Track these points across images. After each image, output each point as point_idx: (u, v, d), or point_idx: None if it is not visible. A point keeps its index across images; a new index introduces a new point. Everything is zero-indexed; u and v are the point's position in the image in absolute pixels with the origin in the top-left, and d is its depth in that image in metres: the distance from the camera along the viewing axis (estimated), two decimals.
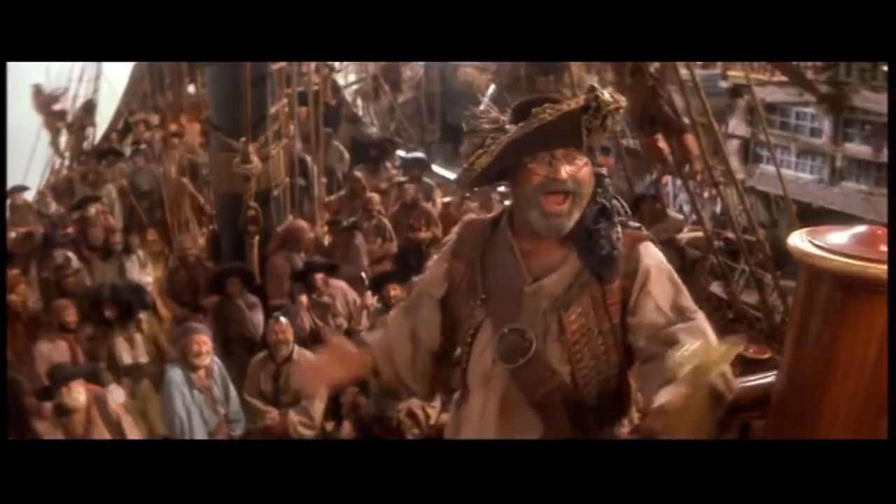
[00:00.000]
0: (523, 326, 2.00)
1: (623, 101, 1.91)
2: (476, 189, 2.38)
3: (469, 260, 2.13)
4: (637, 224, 2.07)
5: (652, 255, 1.99)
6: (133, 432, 5.13)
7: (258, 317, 6.43)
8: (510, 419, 2.05)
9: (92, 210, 8.59)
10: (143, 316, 6.36)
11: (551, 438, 2.00)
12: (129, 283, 7.25)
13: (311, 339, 6.24)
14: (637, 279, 1.94)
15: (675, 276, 2.00)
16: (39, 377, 5.44)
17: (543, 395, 2.00)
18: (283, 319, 5.61)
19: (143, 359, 6.10)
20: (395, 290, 6.05)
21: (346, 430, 5.79)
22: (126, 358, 6.01)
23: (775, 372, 2.04)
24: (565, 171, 1.92)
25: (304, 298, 6.46)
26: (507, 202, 2.11)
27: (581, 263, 1.97)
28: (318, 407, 5.48)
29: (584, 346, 1.97)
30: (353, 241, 7.59)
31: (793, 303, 2.12)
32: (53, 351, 5.84)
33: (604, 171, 2.03)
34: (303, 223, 7.39)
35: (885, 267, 1.52)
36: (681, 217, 9.13)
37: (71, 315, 6.08)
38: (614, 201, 2.05)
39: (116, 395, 5.38)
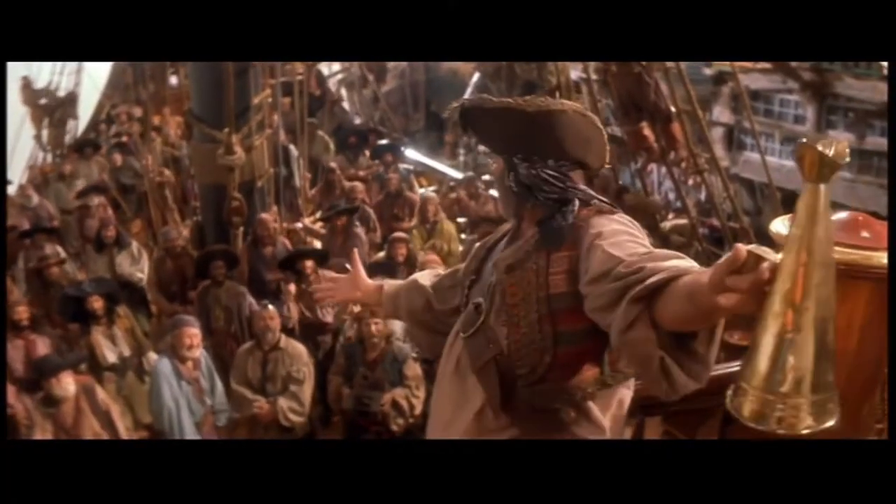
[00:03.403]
0: (481, 297, 2.12)
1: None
2: (462, 177, 2.46)
3: (481, 258, 2.28)
4: (606, 201, 2.07)
5: (603, 224, 1.95)
6: (122, 421, 5.14)
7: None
8: (459, 384, 2.16)
9: (95, 200, 8.53)
10: (118, 309, 6.29)
11: (489, 405, 2.08)
12: (116, 277, 7.21)
13: (301, 329, 6.23)
14: (583, 245, 1.92)
15: (637, 233, 1.94)
16: None
17: (483, 363, 2.08)
18: (270, 307, 5.63)
19: (127, 352, 6.04)
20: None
21: (333, 420, 5.80)
22: (110, 356, 5.94)
23: None
24: None
25: (292, 287, 6.40)
26: (491, 191, 2.16)
27: (536, 236, 2.04)
28: (308, 393, 5.48)
29: (521, 311, 2.02)
30: (353, 228, 7.53)
31: None
32: (11, 351, 5.73)
33: None
34: (266, 216, 7.28)
35: (865, 253, 1.52)
36: (657, 199, 9.16)
37: (23, 313, 5.93)
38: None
39: None
